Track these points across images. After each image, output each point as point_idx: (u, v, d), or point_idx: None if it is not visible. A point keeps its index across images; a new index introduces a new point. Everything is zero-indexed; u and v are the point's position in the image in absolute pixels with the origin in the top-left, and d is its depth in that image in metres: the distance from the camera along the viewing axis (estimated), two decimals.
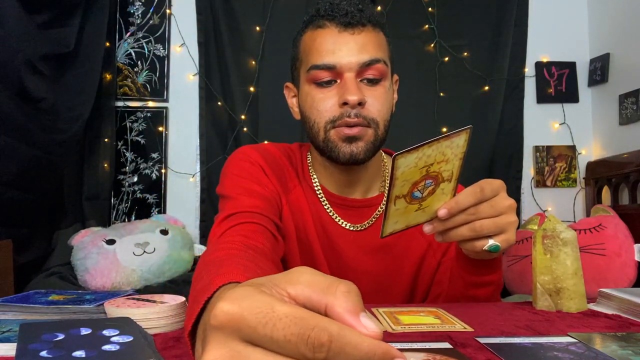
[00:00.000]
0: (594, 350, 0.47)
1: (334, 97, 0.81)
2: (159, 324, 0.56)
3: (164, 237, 1.98)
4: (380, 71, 0.81)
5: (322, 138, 0.83)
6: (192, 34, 2.38)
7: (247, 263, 0.52)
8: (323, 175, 0.91)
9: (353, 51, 0.80)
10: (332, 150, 0.82)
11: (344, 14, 0.80)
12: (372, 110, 0.81)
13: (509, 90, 2.45)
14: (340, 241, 0.89)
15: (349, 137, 0.81)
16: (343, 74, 0.80)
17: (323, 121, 0.82)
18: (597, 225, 1.94)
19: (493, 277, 0.76)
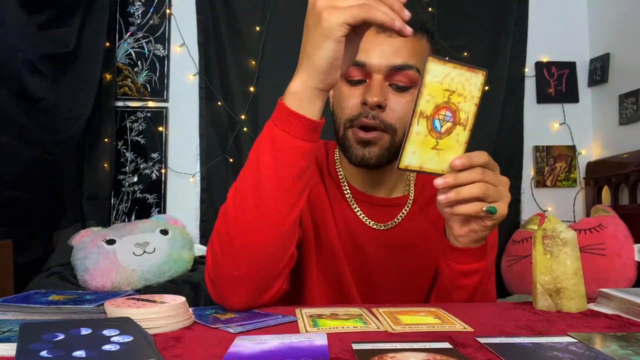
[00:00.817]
0: (594, 350, 0.47)
1: (359, 97, 0.80)
2: (159, 324, 0.56)
3: (164, 237, 1.98)
4: (410, 78, 0.80)
5: (340, 135, 0.84)
6: (192, 34, 2.39)
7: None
8: (350, 172, 0.91)
9: (386, 53, 0.79)
10: (347, 149, 0.83)
11: None
12: (392, 116, 0.80)
13: (509, 90, 2.45)
14: (363, 239, 0.89)
15: (363, 141, 0.81)
16: (372, 74, 0.79)
17: (344, 118, 0.82)
18: (597, 225, 1.94)
19: (480, 264, 0.76)
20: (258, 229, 0.66)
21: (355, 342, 0.50)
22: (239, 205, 0.66)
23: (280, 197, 0.65)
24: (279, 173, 0.65)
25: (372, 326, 0.57)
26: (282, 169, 0.65)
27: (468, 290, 0.78)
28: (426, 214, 0.93)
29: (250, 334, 0.55)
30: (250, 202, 0.65)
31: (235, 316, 0.64)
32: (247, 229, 0.66)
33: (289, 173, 0.65)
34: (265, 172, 0.65)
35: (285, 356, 0.45)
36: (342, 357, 0.46)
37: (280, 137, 0.65)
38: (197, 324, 0.60)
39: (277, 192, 0.65)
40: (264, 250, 0.67)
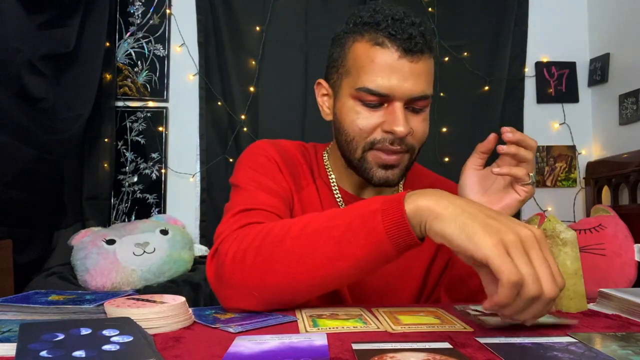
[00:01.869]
0: (594, 350, 0.47)
1: (378, 120, 0.80)
2: (159, 324, 0.56)
3: (164, 237, 1.98)
4: (427, 104, 0.82)
5: (358, 156, 0.82)
6: (192, 34, 2.38)
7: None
8: (341, 175, 0.92)
9: (408, 80, 0.77)
10: (365, 170, 0.83)
11: (407, 37, 0.76)
12: (414, 138, 0.81)
13: (509, 90, 2.45)
14: None
15: (386, 165, 0.81)
16: (393, 101, 0.79)
17: (363, 141, 0.81)
18: (597, 225, 1.94)
19: None
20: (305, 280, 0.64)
21: (355, 342, 0.50)
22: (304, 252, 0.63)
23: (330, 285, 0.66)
24: (355, 253, 0.61)
25: (372, 326, 0.57)
26: (361, 250, 0.61)
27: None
28: None
29: (250, 334, 0.55)
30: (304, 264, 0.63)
31: (235, 316, 0.64)
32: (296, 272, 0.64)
33: (363, 264, 0.62)
34: (345, 247, 0.61)
35: (285, 356, 0.45)
36: (342, 357, 0.46)
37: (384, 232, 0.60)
38: (197, 324, 0.60)
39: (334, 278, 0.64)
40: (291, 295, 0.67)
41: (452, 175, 1.08)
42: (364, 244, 0.60)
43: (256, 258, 0.65)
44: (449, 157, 2.38)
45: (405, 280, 0.90)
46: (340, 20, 0.87)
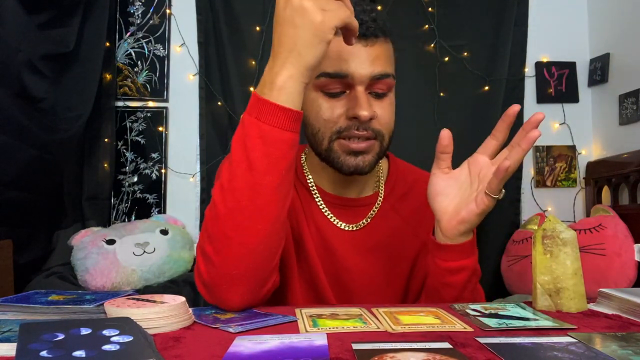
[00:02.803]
0: (594, 350, 0.47)
1: (342, 108, 0.80)
2: (159, 324, 0.56)
3: (164, 237, 1.98)
4: (388, 85, 0.81)
5: (325, 147, 0.82)
6: (192, 34, 2.38)
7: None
8: (319, 176, 0.91)
9: (366, 63, 0.78)
10: (334, 160, 0.82)
11: (360, 24, 0.78)
12: (380, 123, 0.81)
13: (509, 90, 2.45)
14: (335, 241, 0.88)
15: (355, 152, 0.81)
16: (354, 86, 0.79)
17: (329, 131, 0.81)
18: (597, 225, 1.94)
19: (467, 262, 0.76)
20: (257, 224, 0.67)
21: (355, 342, 0.50)
22: (234, 204, 0.67)
23: (275, 190, 0.67)
24: (272, 167, 0.66)
25: (372, 326, 0.57)
26: (275, 162, 0.66)
27: (456, 288, 0.77)
28: (398, 211, 0.92)
29: (250, 334, 0.55)
30: (246, 199, 0.66)
31: (235, 316, 0.64)
32: (245, 226, 0.67)
33: (282, 166, 0.67)
34: (259, 168, 0.66)
35: (285, 356, 0.45)
36: (342, 357, 0.46)
37: (269, 132, 0.66)
38: (197, 324, 0.60)
39: (272, 186, 0.67)
40: (264, 245, 0.68)
41: None
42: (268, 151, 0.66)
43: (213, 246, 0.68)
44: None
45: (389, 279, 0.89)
46: None
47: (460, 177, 0.75)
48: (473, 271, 0.77)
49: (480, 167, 0.74)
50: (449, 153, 0.75)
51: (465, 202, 0.73)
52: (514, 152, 0.69)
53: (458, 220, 0.73)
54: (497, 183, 0.68)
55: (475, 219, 0.72)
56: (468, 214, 0.72)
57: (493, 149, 0.74)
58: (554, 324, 0.59)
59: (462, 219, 0.73)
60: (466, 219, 0.72)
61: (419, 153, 1.23)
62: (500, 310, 0.66)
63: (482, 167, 0.73)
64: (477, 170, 0.74)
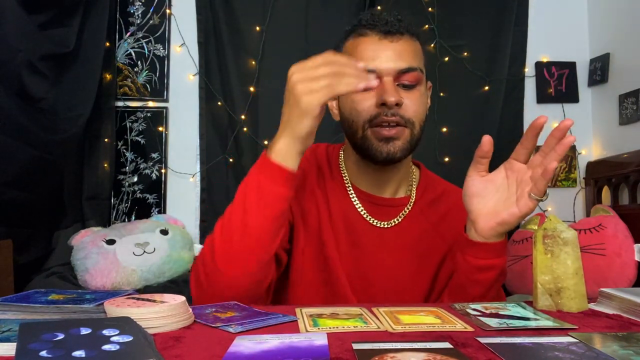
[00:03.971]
0: (595, 350, 0.47)
1: (373, 99, 0.85)
2: (159, 323, 0.56)
3: (164, 237, 1.98)
4: (416, 78, 0.86)
5: (359, 136, 0.87)
6: (192, 34, 2.38)
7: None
8: (355, 173, 0.95)
9: (392, 58, 0.85)
10: (368, 148, 0.87)
11: (384, 23, 0.86)
12: (409, 111, 0.85)
13: (509, 90, 2.45)
14: (365, 237, 0.92)
15: (386, 137, 0.85)
16: (382, 78, 0.84)
17: (361, 120, 0.86)
18: (597, 225, 1.94)
19: (497, 261, 0.79)
20: (244, 259, 0.75)
21: (356, 342, 0.50)
22: (227, 238, 0.76)
23: (262, 233, 0.76)
24: (261, 213, 0.75)
25: (373, 326, 0.57)
26: (264, 209, 0.75)
27: (484, 286, 0.80)
28: (427, 216, 0.96)
29: (250, 333, 0.55)
30: (238, 236, 0.75)
31: (235, 315, 0.64)
32: (233, 259, 0.75)
33: (271, 213, 0.76)
34: (251, 212, 0.75)
35: (285, 356, 0.45)
36: (343, 357, 0.46)
37: (265, 184, 0.75)
38: (197, 323, 0.60)
39: (261, 229, 0.75)
40: (248, 278, 0.76)
41: (452, 174, 1.09)
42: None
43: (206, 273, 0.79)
44: (449, 157, 2.38)
45: (415, 279, 0.91)
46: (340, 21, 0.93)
47: (496, 181, 0.78)
48: (501, 271, 0.80)
49: (517, 172, 0.77)
50: (488, 158, 0.78)
51: (504, 204, 0.76)
52: (550, 157, 0.72)
53: (497, 221, 0.76)
54: (544, 183, 0.72)
55: (516, 221, 0.76)
56: (510, 216, 0.75)
57: (525, 156, 0.77)
58: (554, 323, 0.59)
59: (502, 220, 0.76)
60: (507, 220, 0.76)
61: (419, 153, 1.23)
62: (501, 310, 0.66)
63: (519, 172, 0.77)
64: (514, 175, 0.77)
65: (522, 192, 0.75)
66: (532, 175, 0.74)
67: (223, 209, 0.86)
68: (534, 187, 0.73)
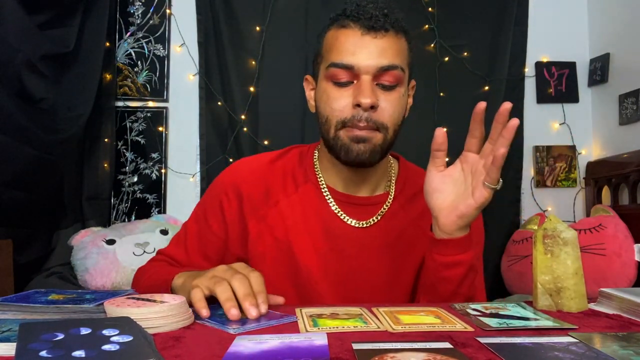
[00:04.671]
0: (595, 350, 0.47)
1: (349, 98, 0.83)
2: (159, 323, 0.56)
3: (164, 237, 1.97)
4: (396, 77, 0.83)
5: (332, 135, 0.85)
6: (192, 34, 2.38)
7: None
8: (331, 173, 0.93)
9: (372, 55, 0.81)
10: (339, 148, 0.84)
11: (369, 17, 0.82)
12: (383, 115, 0.83)
13: (509, 90, 2.45)
14: (344, 239, 0.89)
15: (357, 138, 0.82)
16: (360, 75, 0.82)
17: (335, 120, 0.84)
18: (597, 225, 1.94)
19: (463, 256, 0.77)
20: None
21: (356, 342, 0.50)
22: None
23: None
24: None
25: (373, 326, 0.57)
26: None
27: (453, 283, 0.79)
28: (407, 211, 0.94)
29: (250, 333, 0.55)
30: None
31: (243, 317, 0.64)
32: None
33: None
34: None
35: (285, 356, 0.45)
36: (343, 357, 0.46)
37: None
38: (197, 323, 0.60)
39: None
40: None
41: None
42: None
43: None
44: (449, 157, 2.37)
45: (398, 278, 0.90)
46: None
47: (454, 174, 0.77)
48: (469, 266, 0.78)
49: (471, 163, 0.76)
50: (443, 151, 0.77)
51: (462, 197, 0.75)
52: (499, 143, 0.71)
53: (457, 214, 0.75)
54: (495, 171, 0.71)
55: (474, 212, 0.74)
56: (467, 208, 0.74)
57: (476, 146, 0.76)
58: (554, 323, 0.59)
59: (461, 213, 0.75)
60: (465, 213, 0.74)
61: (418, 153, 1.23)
62: (501, 310, 0.66)
63: (473, 163, 0.76)
64: (469, 167, 0.76)
65: (477, 182, 0.74)
66: (485, 164, 0.73)
67: None
68: (487, 176, 0.72)
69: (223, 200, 0.94)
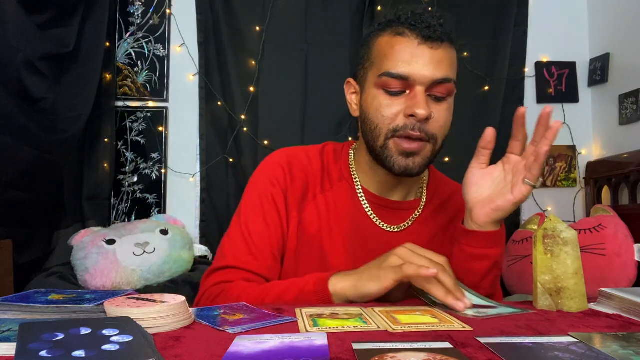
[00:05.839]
0: (595, 350, 0.47)
1: (401, 106, 0.82)
2: (159, 323, 0.56)
3: (164, 237, 1.97)
4: (449, 90, 0.83)
5: (380, 144, 0.84)
6: (192, 34, 2.38)
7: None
8: (366, 175, 0.93)
9: (429, 66, 0.80)
10: (387, 159, 0.84)
11: (427, 26, 0.81)
12: (435, 126, 0.83)
13: (509, 90, 2.45)
14: (374, 241, 0.90)
15: (407, 152, 0.83)
16: (414, 86, 0.81)
17: (386, 128, 0.83)
18: (597, 225, 1.94)
19: (492, 251, 0.80)
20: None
21: (356, 342, 0.49)
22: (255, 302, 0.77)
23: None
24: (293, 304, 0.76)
25: (373, 326, 0.57)
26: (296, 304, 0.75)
27: (477, 275, 0.80)
28: (436, 219, 0.95)
29: (250, 333, 0.55)
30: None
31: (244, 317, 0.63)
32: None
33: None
34: (281, 302, 0.77)
35: (285, 356, 0.45)
36: (343, 357, 0.46)
37: (308, 297, 0.76)
38: (197, 323, 0.60)
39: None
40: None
41: (452, 174, 1.08)
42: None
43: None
44: (449, 157, 2.38)
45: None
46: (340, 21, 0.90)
47: (494, 173, 0.80)
48: (495, 262, 0.80)
49: (513, 164, 0.79)
50: (489, 149, 0.80)
51: (501, 193, 0.78)
52: (542, 143, 0.75)
53: (493, 208, 0.77)
54: (538, 168, 0.75)
55: (511, 208, 0.77)
56: (504, 202, 0.77)
57: (519, 148, 0.79)
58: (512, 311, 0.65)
59: (497, 207, 0.77)
60: (501, 207, 0.77)
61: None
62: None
63: (515, 164, 0.79)
64: (510, 167, 0.79)
65: (517, 180, 0.77)
66: (527, 164, 0.76)
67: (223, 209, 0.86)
68: (528, 173, 0.75)
69: (273, 194, 0.91)
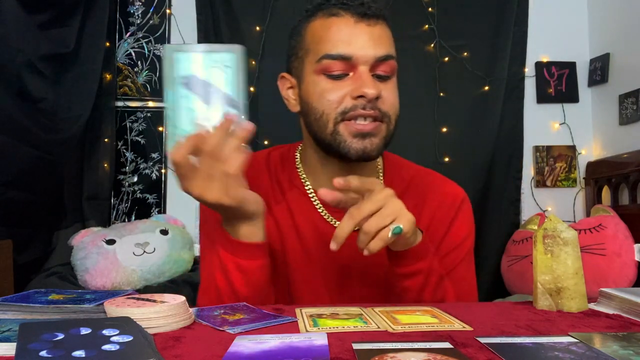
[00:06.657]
0: (595, 350, 0.47)
1: (346, 88, 0.77)
2: (159, 323, 0.56)
3: (164, 237, 1.97)
4: (392, 67, 0.80)
5: (330, 131, 0.78)
6: (192, 34, 2.38)
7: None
8: (317, 176, 0.87)
9: (370, 43, 0.77)
10: (340, 145, 0.78)
11: (360, 3, 0.77)
12: (386, 104, 0.78)
13: (509, 90, 2.45)
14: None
15: (362, 133, 0.77)
16: (357, 66, 0.77)
17: (333, 112, 0.77)
18: (597, 225, 1.94)
19: (419, 265, 0.76)
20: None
21: (356, 342, 0.49)
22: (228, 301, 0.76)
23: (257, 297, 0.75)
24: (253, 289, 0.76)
25: (373, 326, 0.57)
26: (255, 285, 0.76)
27: (414, 291, 0.77)
28: None
29: (250, 333, 0.55)
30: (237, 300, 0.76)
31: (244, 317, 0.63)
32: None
33: (259, 284, 0.76)
34: (242, 291, 0.75)
35: (285, 356, 0.45)
36: (343, 357, 0.46)
37: (244, 264, 0.75)
38: (197, 323, 0.60)
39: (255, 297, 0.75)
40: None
41: (452, 175, 1.07)
42: None
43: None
44: (449, 157, 2.38)
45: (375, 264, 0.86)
46: None
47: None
48: (428, 273, 0.77)
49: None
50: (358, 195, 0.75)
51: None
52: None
53: (386, 232, 0.71)
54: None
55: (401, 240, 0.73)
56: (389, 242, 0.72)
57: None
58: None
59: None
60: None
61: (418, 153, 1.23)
62: None
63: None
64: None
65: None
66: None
67: None
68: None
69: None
